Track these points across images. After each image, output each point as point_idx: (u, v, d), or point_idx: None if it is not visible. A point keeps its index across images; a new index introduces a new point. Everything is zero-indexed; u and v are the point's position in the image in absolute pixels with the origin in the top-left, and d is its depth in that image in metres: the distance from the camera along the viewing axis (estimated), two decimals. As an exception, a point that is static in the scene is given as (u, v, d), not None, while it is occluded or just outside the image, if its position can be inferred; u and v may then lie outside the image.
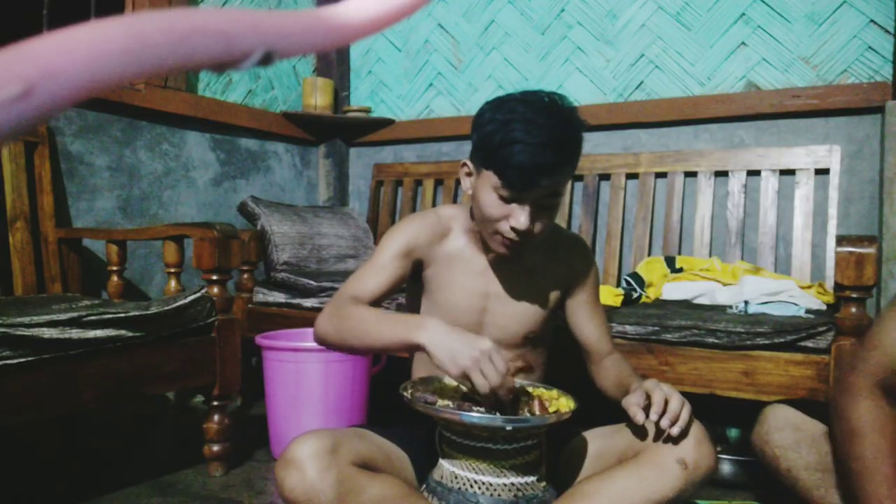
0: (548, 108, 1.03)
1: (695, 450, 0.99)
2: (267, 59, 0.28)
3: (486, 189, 1.06)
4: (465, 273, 1.19)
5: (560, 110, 1.04)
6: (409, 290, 1.29)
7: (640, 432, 1.05)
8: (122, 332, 1.35)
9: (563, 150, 1.02)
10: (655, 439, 1.02)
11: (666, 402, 1.00)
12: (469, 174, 1.13)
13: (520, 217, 1.04)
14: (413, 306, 1.27)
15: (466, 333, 0.97)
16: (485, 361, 0.92)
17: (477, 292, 1.19)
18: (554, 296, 1.23)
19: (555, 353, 1.33)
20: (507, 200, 1.05)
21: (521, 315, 1.20)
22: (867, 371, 0.94)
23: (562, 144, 1.02)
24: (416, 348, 1.00)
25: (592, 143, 2.34)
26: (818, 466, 1.07)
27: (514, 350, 1.22)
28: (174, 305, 1.45)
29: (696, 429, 1.01)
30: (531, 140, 0.99)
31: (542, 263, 1.21)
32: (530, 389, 1.09)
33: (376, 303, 1.13)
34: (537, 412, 1.00)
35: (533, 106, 1.02)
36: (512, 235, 1.06)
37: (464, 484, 0.98)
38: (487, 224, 1.09)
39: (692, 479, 0.99)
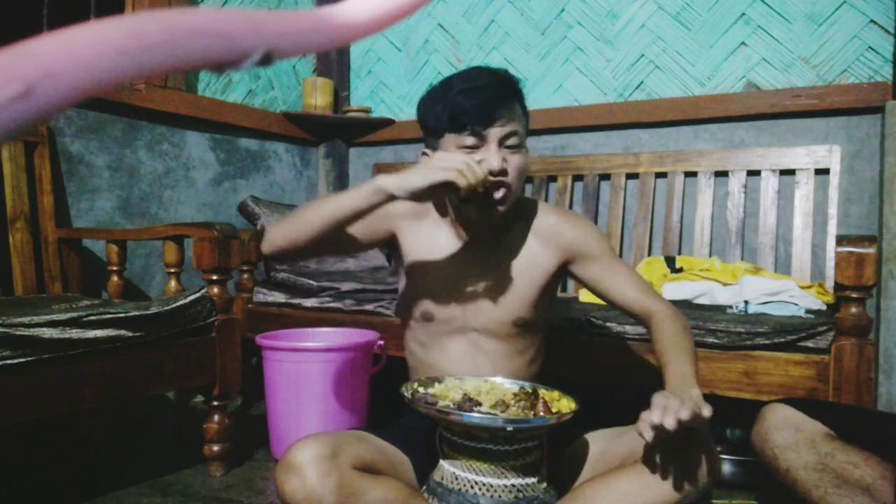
0: (475, 67, 1.14)
1: (698, 456, 0.99)
2: (267, 59, 0.28)
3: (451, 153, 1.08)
4: (447, 263, 1.18)
5: (488, 67, 1.14)
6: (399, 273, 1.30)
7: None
8: (122, 332, 1.35)
9: (503, 84, 1.10)
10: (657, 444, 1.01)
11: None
12: None
13: (490, 159, 1.06)
14: (403, 293, 1.28)
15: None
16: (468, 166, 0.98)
17: (460, 283, 1.18)
18: (543, 278, 1.20)
19: (555, 352, 1.33)
20: (472, 148, 1.07)
21: (508, 303, 1.18)
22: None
23: (500, 80, 1.10)
24: (376, 195, 1.02)
25: (592, 143, 2.34)
26: (817, 467, 1.06)
27: (504, 338, 1.20)
28: (174, 305, 1.45)
29: (701, 435, 1.00)
30: (471, 83, 1.07)
31: (524, 244, 1.19)
32: (531, 390, 1.09)
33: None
34: (541, 413, 0.99)
35: (461, 70, 1.14)
36: (489, 182, 1.05)
37: (464, 485, 0.98)
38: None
39: (695, 486, 0.99)
